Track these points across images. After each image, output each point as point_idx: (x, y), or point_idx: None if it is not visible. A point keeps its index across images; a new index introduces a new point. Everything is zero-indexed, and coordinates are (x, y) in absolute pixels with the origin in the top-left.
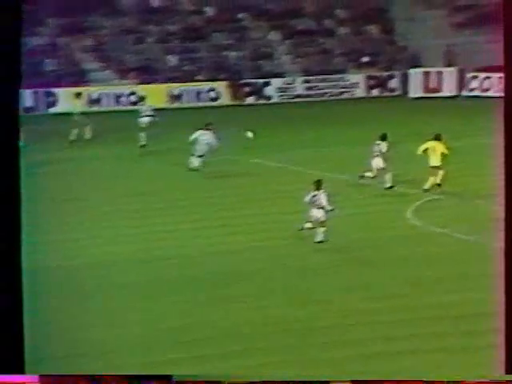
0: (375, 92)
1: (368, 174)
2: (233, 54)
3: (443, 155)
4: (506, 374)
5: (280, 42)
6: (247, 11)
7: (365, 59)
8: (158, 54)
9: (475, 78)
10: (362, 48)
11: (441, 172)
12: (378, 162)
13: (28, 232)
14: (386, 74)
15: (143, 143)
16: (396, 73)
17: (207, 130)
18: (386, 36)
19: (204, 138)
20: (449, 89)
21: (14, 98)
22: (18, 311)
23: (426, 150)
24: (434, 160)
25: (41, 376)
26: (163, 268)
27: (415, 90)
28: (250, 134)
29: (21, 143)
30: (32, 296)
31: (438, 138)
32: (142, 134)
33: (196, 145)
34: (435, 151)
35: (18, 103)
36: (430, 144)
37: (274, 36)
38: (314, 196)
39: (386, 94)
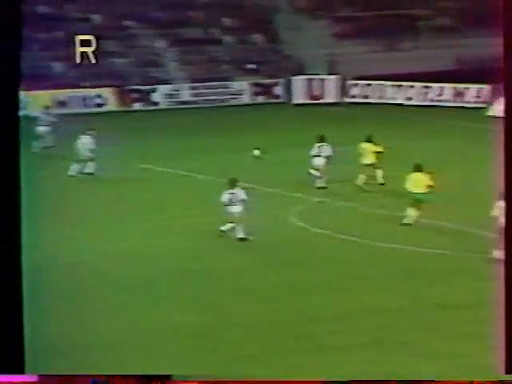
0: (260, 99)
1: (316, 172)
2: (120, 60)
3: (377, 154)
4: (506, 374)
5: (167, 50)
6: (134, 19)
7: (250, 67)
8: (44, 60)
9: (356, 85)
10: (248, 56)
11: (380, 171)
12: (319, 162)
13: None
14: (270, 81)
15: (36, 151)
16: (280, 80)
17: (88, 135)
18: (271, 45)
19: (86, 143)
20: (331, 95)
21: (14, 100)
22: (18, 311)
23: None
24: (366, 159)
25: (40, 376)
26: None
27: (299, 97)
28: (257, 153)
29: None
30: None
31: (369, 139)
32: (37, 142)
33: (78, 150)
34: (367, 152)
35: (17, 104)
36: (363, 145)
37: (161, 43)
38: (232, 194)
39: (271, 100)
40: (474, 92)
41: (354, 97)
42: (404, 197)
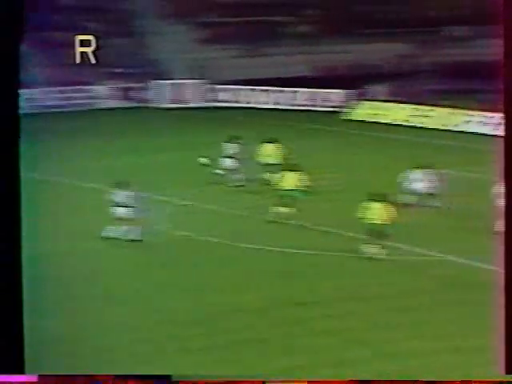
0: (124, 103)
1: (219, 171)
2: None
3: (283, 156)
4: (506, 373)
5: (32, 53)
6: None
7: (114, 71)
8: None
9: (223, 90)
10: (112, 60)
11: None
12: (228, 163)
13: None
14: (135, 85)
15: None
16: (145, 84)
17: None
18: (135, 49)
19: None
20: (196, 100)
21: (14, 100)
22: (17, 311)
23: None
24: (270, 159)
25: (39, 376)
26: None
27: (163, 101)
28: (204, 160)
29: None
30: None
31: (272, 141)
32: None
33: None
34: (271, 152)
35: (17, 105)
36: (266, 146)
37: (25, 47)
38: (117, 195)
39: (135, 104)
40: (330, 96)
41: (217, 101)
42: (274, 197)
